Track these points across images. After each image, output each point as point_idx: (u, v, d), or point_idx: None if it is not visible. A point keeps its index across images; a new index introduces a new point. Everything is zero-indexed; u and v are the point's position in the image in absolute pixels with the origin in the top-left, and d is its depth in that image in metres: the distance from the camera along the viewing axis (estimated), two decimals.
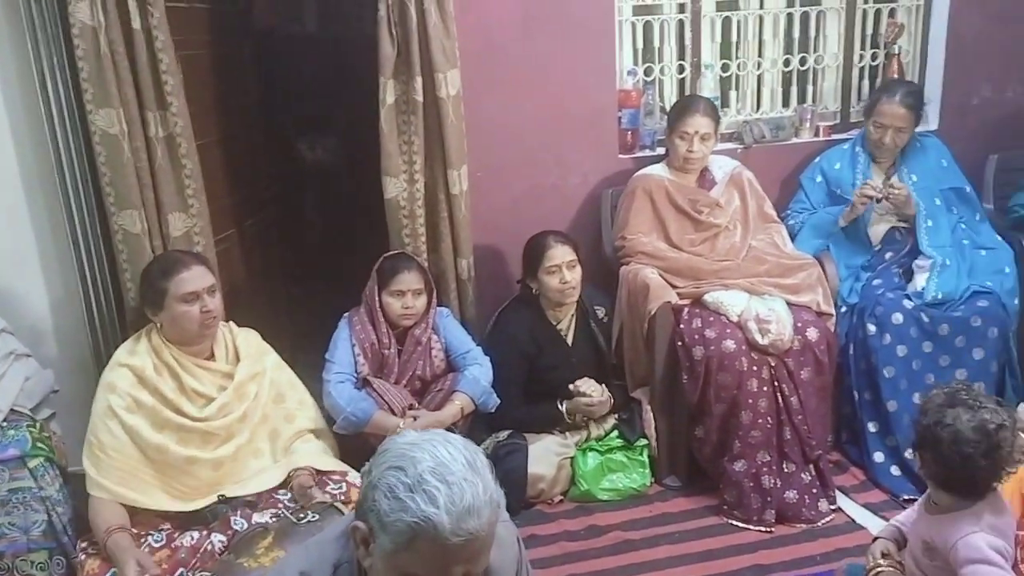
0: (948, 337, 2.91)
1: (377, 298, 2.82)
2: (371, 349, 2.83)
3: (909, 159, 3.24)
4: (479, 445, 2.83)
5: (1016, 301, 3.01)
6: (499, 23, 3.10)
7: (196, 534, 2.21)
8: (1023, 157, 3.32)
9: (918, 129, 3.22)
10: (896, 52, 3.50)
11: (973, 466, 1.53)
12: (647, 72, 3.40)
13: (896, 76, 3.46)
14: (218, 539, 2.19)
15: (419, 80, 2.84)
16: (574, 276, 2.89)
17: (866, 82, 3.60)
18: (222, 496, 2.32)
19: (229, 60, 3.41)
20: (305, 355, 3.05)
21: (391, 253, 2.92)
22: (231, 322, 2.57)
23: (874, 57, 3.56)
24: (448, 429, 2.82)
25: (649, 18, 3.35)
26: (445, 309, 3.01)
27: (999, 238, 3.17)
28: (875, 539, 1.81)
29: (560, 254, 2.87)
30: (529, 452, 2.84)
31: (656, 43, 3.38)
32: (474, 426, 2.94)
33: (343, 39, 4.42)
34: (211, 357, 2.45)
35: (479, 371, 2.83)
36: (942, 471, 1.58)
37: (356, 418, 2.64)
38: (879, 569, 1.69)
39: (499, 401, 2.85)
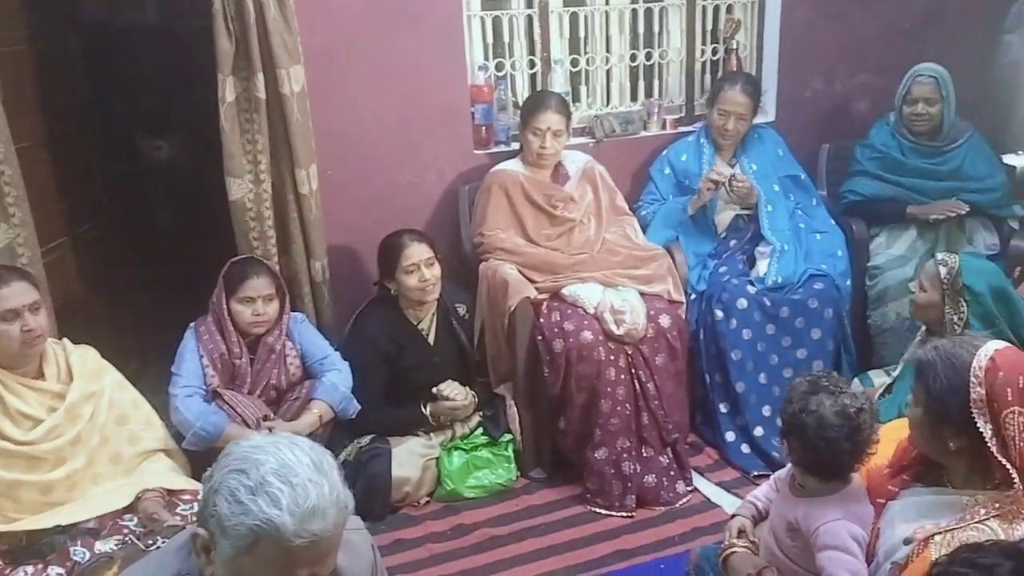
0: (788, 319, 3.08)
1: (225, 306, 2.69)
2: (220, 360, 2.70)
3: (748, 149, 3.39)
4: (341, 451, 2.83)
5: (848, 282, 3.21)
6: (344, 18, 3.02)
7: (31, 568, 2.04)
8: (852, 146, 3.52)
9: (756, 121, 3.37)
10: (735, 47, 3.65)
11: (837, 449, 1.60)
12: (498, 67, 3.40)
13: (735, 70, 3.60)
14: (56, 572, 2.03)
15: (260, 76, 2.74)
16: (433, 273, 2.86)
17: (708, 76, 3.73)
18: (59, 525, 2.15)
19: (52, 55, 3.17)
20: (155, 367, 2.90)
21: (238, 258, 2.80)
22: (65, 339, 2.39)
23: (714, 52, 3.70)
24: (308, 438, 2.75)
25: (498, 13, 3.35)
26: (299, 314, 2.92)
27: (832, 222, 3.36)
28: (732, 516, 1.87)
29: (417, 252, 2.83)
30: (393, 455, 2.80)
31: (506, 38, 3.38)
32: (335, 433, 2.87)
33: (188, 31, 4.19)
34: (40, 376, 2.27)
35: (337, 377, 2.76)
36: (809, 456, 1.64)
37: (207, 433, 2.52)
38: (733, 549, 1.75)
39: (360, 406, 2.79)
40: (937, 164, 3.32)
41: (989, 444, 1.44)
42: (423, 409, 2.89)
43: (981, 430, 1.44)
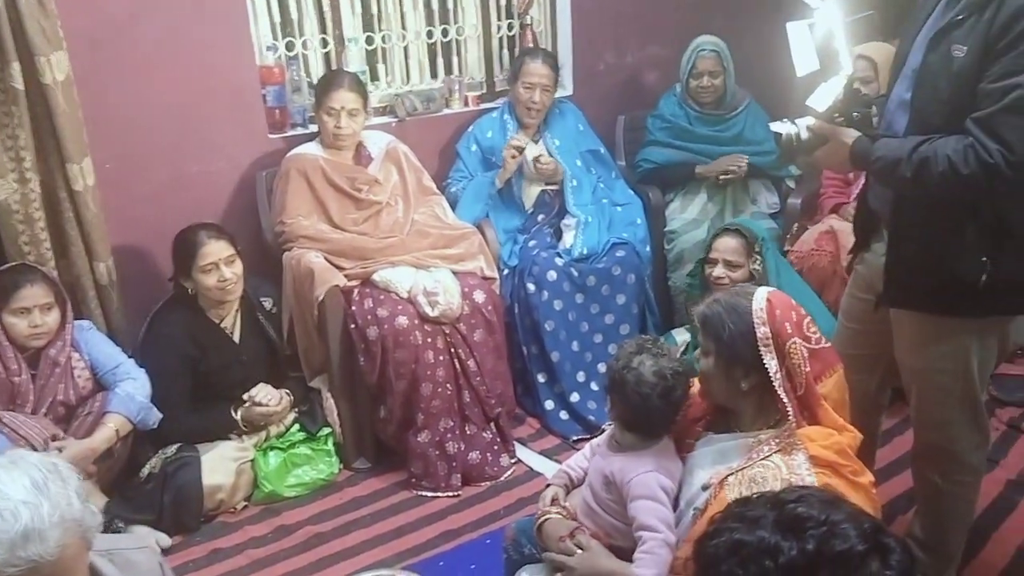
0: (595, 287, 3.18)
1: None
2: None
3: (551, 125, 3.45)
4: (145, 464, 2.65)
5: (648, 248, 3.36)
6: None
7: None
8: (645, 116, 3.67)
9: (556, 95, 3.44)
10: (529, 23, 3.70)
11: (651, 406, 1.68)
12: (289, 47, 3.25)
13: (532, 45, 3.65)
14: None
15: (16, 66, 2.50)
16: (234, 272, 2.71)
17: (506, 52, 3.76)
18: None
19: None
20: None
21: (8, 266, 2.55)
22: None
23: (510, 28, 3.72)
24: (106, 454, 2.56)
25: None
26: (85, 322, 2.70)
27: (631, 192, 3.50)
28: (546, 486, 1.91)
29: (215, 250, 2.67)
30: (203, 463, 2.65)
31: (295, 16, 3.24)
32: (137, 445, 2.68)
33: None
34: None
35: (133, 386, 2.58)
36: (626, 411, 1.72)
37: None
38: (547, 516, 1.79)
39: (162, 415, 2.62)
40: (720, 131, 3.53)
41: (774, 379, 1.54)
42: (233, 413, 2.74)
43: (767, 365, 1.54)
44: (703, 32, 3.53)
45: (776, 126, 1.87)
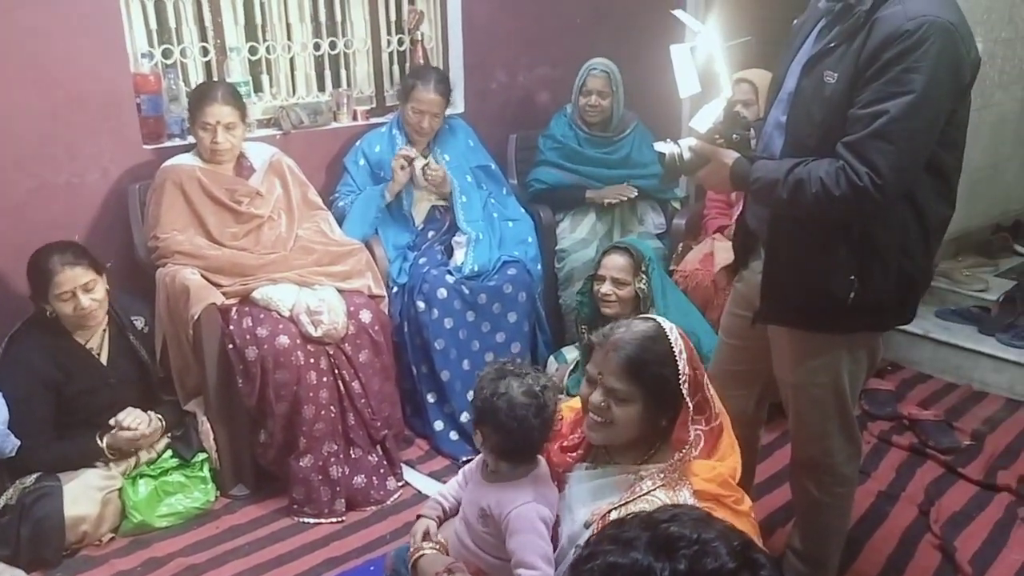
0: (486, 305, 3.16)
1: None
2: None
3: (441, 141, 3.42)
4: (1, 496, 2.44)
5: (539, 267, 3.36)
6: None
7: None
8: (536, 136, 3.69)
9: (447, 112, 3.41)
10: (420, 38, 3.66)
11: (528, 427, 1.65)
12: (166, 55, 3.11)
13: (422, 62, 3.62)
14: None
15: None
16: (93, 298, 2.53)
17: (396, 67, 3.71)
18: None
19: None
20: None
21: None
22: None
23: (400, 43, 3.68)
24: None
25: None
26: None
27: (522, 210, 3.51)
28: (417, 518, 1.86)
29: (70, 278, 2.49)
30: (65, 492, 2.46)
31: (173, 24, 3.10)
32: None
33: None
34: None
35: None
36: (502, 440, 1.67)
37: None
38: (422, 552, 1.74)
39: (19, 443, 2.43)
40: (608, 153, 3.59)
41: (691, 415, 1.54)
42: (99, 441, 2.57)
43: (688, 402, 1.53)
44: (594, 54, 3.59)
45: (660, 146, 1.89)
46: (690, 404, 1.55)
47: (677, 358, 1.55)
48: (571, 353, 3.17)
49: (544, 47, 3.94)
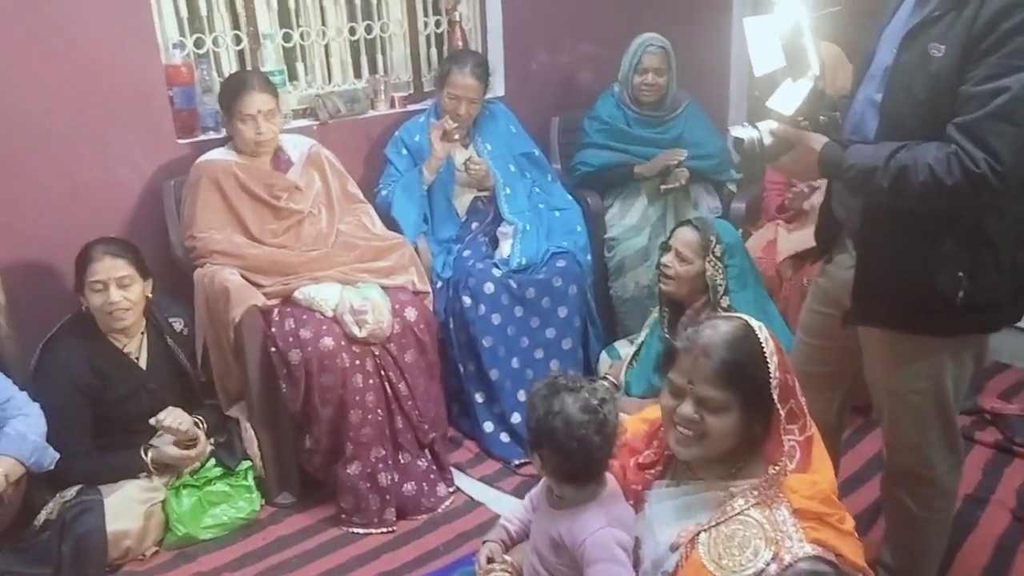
0: (535, 299, 3.00)
1: None
2: None
3: (482, 128, 3.26)
4: (41, 510, 2.36)
5: (589, 257, 3.19)
6: None
7: None
8: (580, 117, 3.52)
9: (486, 97, 3.25)
10: (458, 19, 3.50)
11: (589, 445, 1.51)
12: (198, 44, 2.98)
13: (460, 44, 3.46)
14: None
15: None
16: (125, 296, 2.43)
17: (434, 50, 3.55)
18: None
19: None
20: None
21: None
22: None
23: (438, 24, 3.52)
24: None
25: None
26: None
27: (569, 197, 3.34)
28: (483, 543, 1.72)
29: (106, 268, 2.40)
30: (107, 506, 2.36)
31: (204, 11, 2.96)
32: (32, 489, 2.38)
33: None
34: None
35: (25, 423, 2.27)
36: (563, 462, 1.53)
37: None
38: (494, 575, 1.61)
39: (58, 455, 2.33)
40: (660, 133, 3.40)
41: (783, 424, 1.40)
42: (143, 455, 2.47)
43: (780, 409, 1.39)
44: (640, 30, 3.40)
45: (737, 131, 1.72)
46: (782, 411, 1.40)
47: (768, 360, 1.40)
48: (624, 348, 3.01)
49: (587, 24, 3.75)
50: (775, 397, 1.39)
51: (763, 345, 1.40)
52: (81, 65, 2.66)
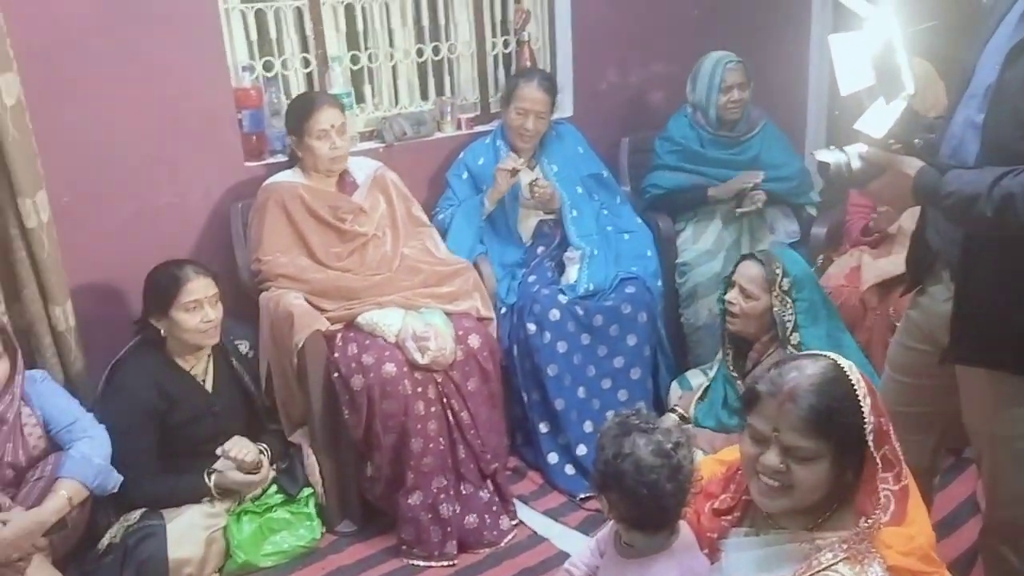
0: (603, 327, 2.91)
1: None
2: None
3: (548, 149, 3.20)
4: (105, 532, 2.36)
5: (660, 283, 3.09)
6: (68, 13, 2.51)
7: None
8: (651, 139, 3.42)
9: (553, 117, 3.18)
10: (527, 39, 3.46)
11: (661, 492, 1.42)
12: (267, 67, 2.99)
13: (529, 63, 3.41)
14: None
15: None
16: (218, 314, 2.45)
17: (501, 70, 3.52)
18: None
19: None
20: None
21: None
22: None
23: (506, 44, 3.48)
24: (59, 524, 2.27)
25: (261, 6, 2.94)
26: (38, 372, 2.42)
27: (639, 220, 3.24)
28: None
29: (201, 287, 2.41)
30: (169, 532, 2.35)
31: (273, 35, 2.98)
32: (97, 510, 2.39)
33: None
34: None
35: (90, 446, 2.28)
36: (632, 508, 1.45)
37: None
38: None
39: (123, 477, 2.33)
40: (735, 154, 3.27)
41: (878, 472, 1.31)
42: (206, 479, 2.45)
43: (875, 457, 1.30)
44: (713, 48, 3.29)
45: (822, 154, 1.61)
46: (877, 459, 1.29)
47: (861, 403, 1.29)
48: (696, 378, 2.88)
49: (658, 43, 3.67)
50: (870, 444, 1.28)
51: (855, 387, 1.29)
52: (155, 90, 2.69)
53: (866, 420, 1.29)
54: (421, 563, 2.49)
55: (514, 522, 2.64)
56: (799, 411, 1.29)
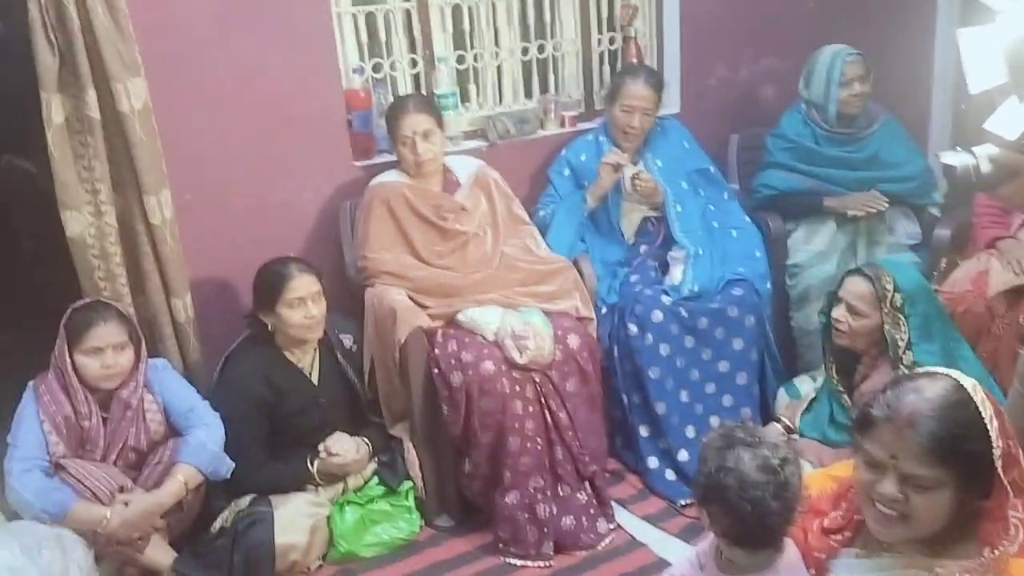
0: (708, 330, 2.84)
1: (69, 359, 2.31)
2: (66, 423, 2.32)
3: (652, 144, 3.13)
4: (217, 516, 2.47)
5: (768, 285, 2.98)
6: (190, 20, 2.64)
7: None
8: (762, 135, 3.31)
9: (659, 112, 3.12)
10: (633, 35, 3.40)
11: (765, 510, 1.37)
12: (376, 68, 3.06)
13: (635, 60, 3.36)
14: None
15: (92, 93, 2.40)
16: (320, 310, 2.53)
17: (607, 67, 3.48)
18: None
19: None
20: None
21: (82, 303, 2.41)
22: None
23: (612, 41, 3.44)
24: (176, 507, 2.40)
25: (371, 9, 3.00)
26: (160, 361, 2.55)
27: (746, 218, 3.14)
28: None
29: (304, 284, 2.49)
30: (276, 519, 2.44)
31: (383, 36, 3.04)
32: (211, 494, 2.52)
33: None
34: None
35: (206, 433, 2.40)
36: (734, 524, 1.41)
37: (50, 515, 2.16)
38: None
39: (234, 464, 2.43)
40: (852, 152, 3.12)
41: (1008, 500, 1.22)
42: (309, 465, 2.54)
43: (1005, 484, 1.21)
44: (827, 43, 3.15)
45: (948, 157, 1.51)
46: (1007, 485, 1.20)
47: (988, 427, 1.20)
48: (804, 385, 2.76)
49: (771, 37, 3.56)
50: (998, 470, 1.19)
51: (980, 410, 1.20)
52: (270, 93, 2.79)
53: (994, 445, 1.20)
54: (517, 562, 2.50)
55: (612, 526, 2.61)
56: (919, 438, 1.21)
